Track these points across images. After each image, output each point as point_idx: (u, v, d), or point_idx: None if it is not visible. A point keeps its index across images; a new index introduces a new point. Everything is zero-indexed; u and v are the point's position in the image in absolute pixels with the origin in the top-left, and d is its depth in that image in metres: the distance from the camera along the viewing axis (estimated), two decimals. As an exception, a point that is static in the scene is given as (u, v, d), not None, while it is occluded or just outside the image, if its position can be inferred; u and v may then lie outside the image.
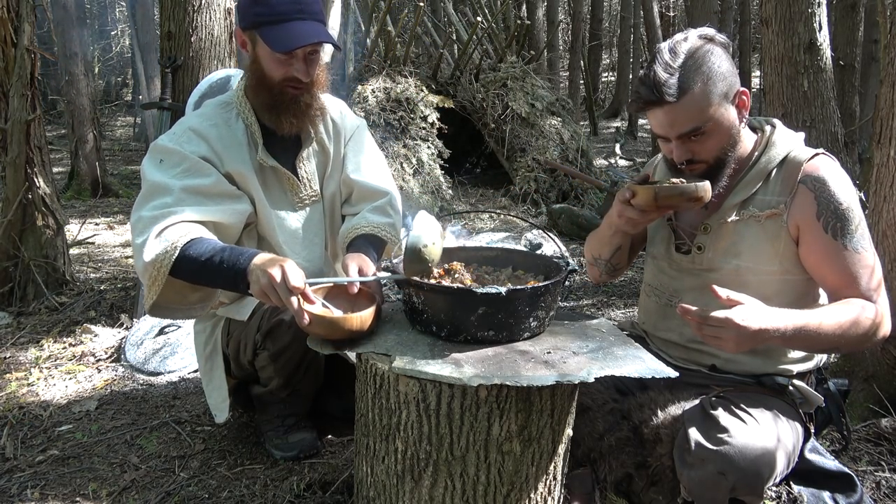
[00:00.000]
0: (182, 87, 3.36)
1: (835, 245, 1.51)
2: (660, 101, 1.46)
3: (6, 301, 3.53)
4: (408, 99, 6.45)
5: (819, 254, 1.53)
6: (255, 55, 1.82)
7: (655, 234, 1.78)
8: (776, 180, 1.56)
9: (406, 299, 1.54)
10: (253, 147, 1.92)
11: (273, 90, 1.82)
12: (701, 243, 1.64)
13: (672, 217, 1.71)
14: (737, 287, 1.55)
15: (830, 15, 4.71)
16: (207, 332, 2.10)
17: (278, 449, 2.10)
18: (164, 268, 1.66)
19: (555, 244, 4.43)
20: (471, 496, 1.39)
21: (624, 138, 12.50)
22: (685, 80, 1.45)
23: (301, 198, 2.02)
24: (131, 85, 17.71)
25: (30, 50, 3.42)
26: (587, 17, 16.28)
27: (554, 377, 1.27)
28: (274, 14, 1.74)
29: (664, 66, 1.46)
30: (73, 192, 7.83)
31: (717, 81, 1.47)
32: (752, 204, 1.58)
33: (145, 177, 1.81)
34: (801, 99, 3.35)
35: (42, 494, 1.95)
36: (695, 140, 1.50)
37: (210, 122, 1.89)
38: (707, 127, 1.48)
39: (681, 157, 1.53)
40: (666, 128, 1.51)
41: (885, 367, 2.30)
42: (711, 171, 1.55)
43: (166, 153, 1.83)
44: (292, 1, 1.75)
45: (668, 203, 1.48)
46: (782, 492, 1.75)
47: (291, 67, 1.79)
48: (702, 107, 1.46)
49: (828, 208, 1.50)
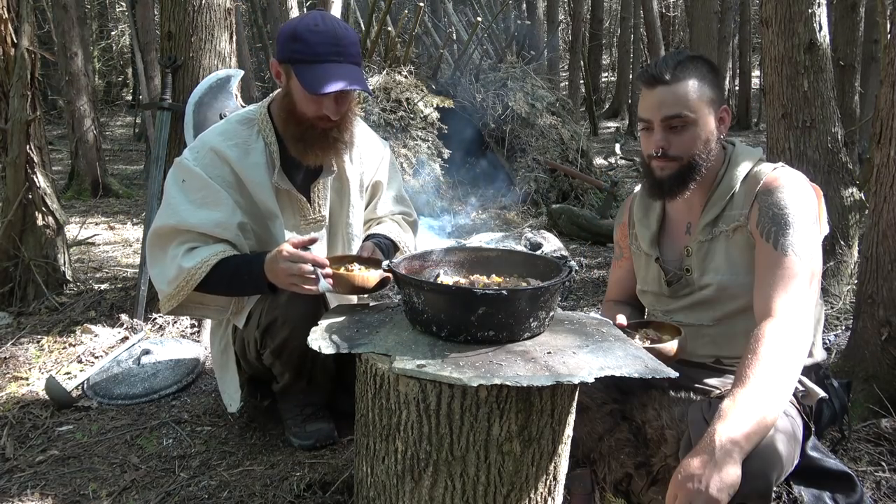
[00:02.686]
0: (182, 87, 3.35)
1: (765, 247, 1.53)
2: (657, 81, 1.59)
3: (6, 301, 3.53)
4: (408, 99, 6.45)
5: (760, 265, 1.54)
6: (287, 88, 1.88)
7: (646, 274, 1.83)
8: (739, 195, 1.63)
9: (406, 299, 1.54)
10: (270, 168, 1.97)
11: (302, 124, 1.88)
12: (688, 265, 1.71)
13: (658, 255, 1.77)
14: (726, 300, 1.63)
15: (830, 15, 4.71)
16: (222, 328, 2.18)
17: (296, 437, 2.16)
18: (192, 282, 1.85)
19: (554, 244, 4.43)
20: (471, 496, 1.39)
21: (624, 138, 12.51)
22: (683, 71, 1.59)
23: (307, 220, 2.09)
24: (131, 85, 17.71)
25: (30, 50, 3.42)
26: (587, 17, 16.29)
27: (554, 377, 1.27)
28: (311, 54, 1.78)
29: (671, 56, 1.62)
30: (73, 192, 7.84)
31: (708, 86, 1.60)
32: (721, 221, 1.65)
33: (168, 192, 1.96)
34: (801, 99, 3.34)
35: (42, 494, 1.95)
36: (674, 130, 1.59)
37: (231, 142, 1.95)
38: (689, 118, 1.58)
39: (658, 143, 1.60)
40: (654, 109, 1.60)
41: (885, 367, 2.30)
42: (684, 171, 1.61)
43: (189, 175, 1.94)
44: (331, 42, 1.78)
45: None
46: (782, 492, 1.75)
47: (322, 105, 1.83)
48: (690, 97, 1.58)
49: (766, 215, 1.55)
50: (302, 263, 1.69)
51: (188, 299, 1.94)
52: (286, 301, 1.92)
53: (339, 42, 1.80)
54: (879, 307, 2.32)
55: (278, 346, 1.97)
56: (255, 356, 2.04)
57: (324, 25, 1.80)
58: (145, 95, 8.36)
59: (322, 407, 2.20)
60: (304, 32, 1.79)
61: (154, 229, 1.96)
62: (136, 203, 7.69)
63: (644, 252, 1.81)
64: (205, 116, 3.29)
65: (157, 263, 1.96)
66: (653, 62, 1.67)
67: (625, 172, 9.62)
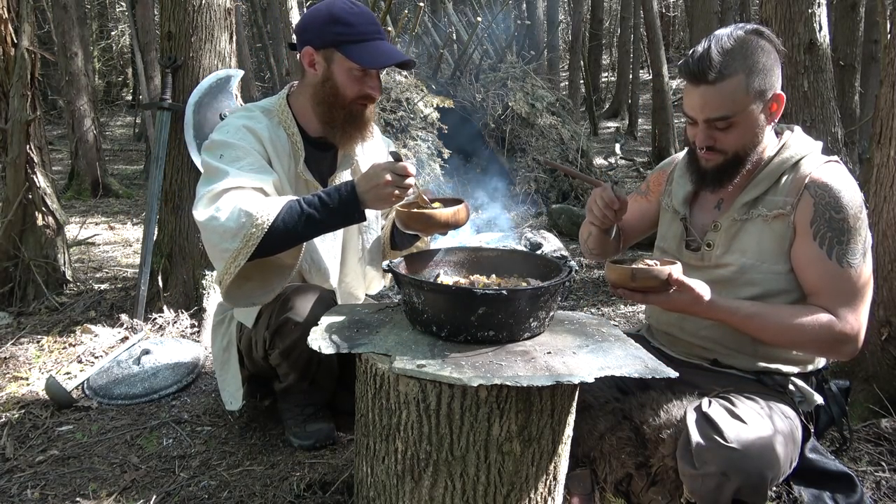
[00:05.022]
0: (182, 87, 3.35)
1: (819, 254, 1.53)
2: (700, 80, 1.50)
3: (6, 301, 3.53)
4: (408, 99, 6.45)
5: (804, 258, 1.55)
6: (328, 73, 1.89)
7: (668, 230, 1.81)
8: (786, 182, 1.59)
9: (406, 299, 1.54)
10: (293, 158, 1.97)
11: (347, 107, 1.91)
12: (711, 240, 1.67)
13: (686, 215, 1.75)
14: (742, 284, 1.60)
15: (830, 15, 4.71)
16: (225, 325, 2.18)
17: (296, 437, 2.16)
18: (261, 227, 1.66)
19: (554, 243, 4.43)
20: (471, 496, 1.39)
21: (624, 138, 12.51)
22: (729, 66, 1.48)
23: None
24: (131, 85, 17.70)
25: (30, 50, 3.42)
26: (587, 17, 16.27)
27: (554, 377, 1.27)
28: (357, 34, 1.85)
29: (717, 46, 1.49)
30: (73, 192, 7.84)
31: (756, 77, 1.49)
32: (761, 204, 1.61)
33: (208, 170, 1.85)
34: (801, 99, 3.34)
35: (42, 494, 1.95)
36: (720, 129, 1.53)
37: (261, 124, 1.94)
38: (735, 119, 1.51)
39: (703, 141, 1.56)
40: (697, 109, 1.54)
41: (885, 367, 2.30)
42: (728, 164, 1.58)
43: (227, 148, 1.86)
44: (372, 21, 1.89)
45: (643, 285, 1.48)
46: (782, 492, 1.75)
47: (365, 85, 1.89)
48: (735, 97, 1.49)
49: (822, 216, 1.53)
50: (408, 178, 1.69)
51: (243, 274, 1.76)
52: (298, 303, 1.92)
53: (375, 21, 1.90)
54: (879, 307, 2.32)
55: (288, 348, 1.97)
56: (263, 356, 2.04)
57: (358, 7, 1.88)
58: (145, 95, 8.36)
59: (322, 407, 2.21)
60: (344, 15, 1.84)
61: (203, 198, 1.76)
62: (136, 203, 7.69)
63: (673, 208, 1.79)
64: (205, 116, 3.30)
65: (213, 226, 1.71)
66: (696, 54, 1.51)
67: (625, 172, 9.63)
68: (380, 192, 1.69)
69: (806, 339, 1.52)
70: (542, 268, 1.70)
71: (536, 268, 1.72)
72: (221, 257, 1.71)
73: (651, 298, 1.51)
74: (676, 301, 1.50)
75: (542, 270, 1.70)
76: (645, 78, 17.30)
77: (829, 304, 1.53)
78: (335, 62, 1.87)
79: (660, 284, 1.46)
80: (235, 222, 1.67)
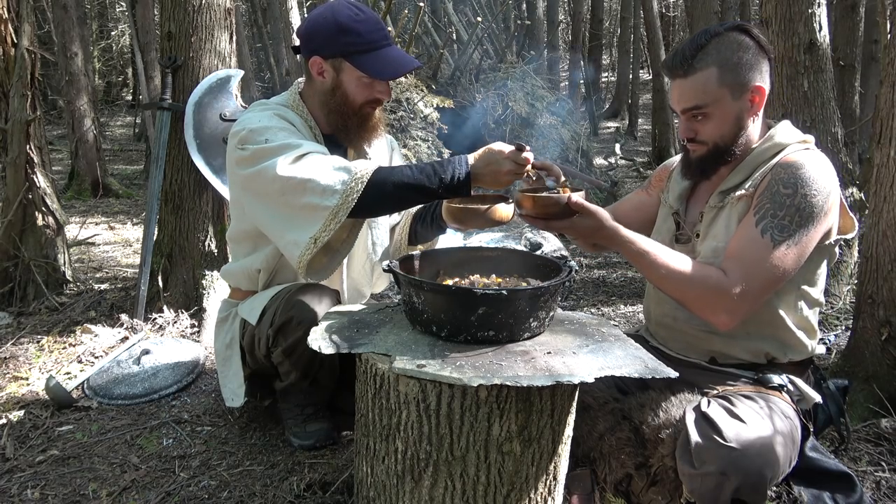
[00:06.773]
0: (182, 87, 3.35)
1: (749, 221, 1.55)
2: (675, 73, 1.60)
3: (6, 301, 3.53)
4: (408, 99, 6.45)
5: (740, 232, 1.57)
6: (337, 82, 1.89)
7: (662, 225, 1.85)
8: (764, 170, 1.62)
9: (406, 299, 1.54)
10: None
11: (357, 113, 1.91)
12: (698, 231, 1.72)
13: (679, 210, 1.79)
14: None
15: (830, 15, 4.71)
16: (228, 322, 2.18)
17: (296, 437, 2.16)
18: (363, 179, 1.64)
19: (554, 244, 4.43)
20: (471, 496, 1.39)
21: (624, 138, 12.51)
22: (700, 60, 1.56)
23: None
24: (131, 85, 17.71)
25: (30, 50, 3.42)
26: (587, 17, 16.27)
27: (554, 377, 1.27)
28: (365, 43, 1.83)
29: (691, 42, 1.58)
30: (73, 192, 7.84)
31: (731, 70, 1.55)
32: (735, 190, 1.65)
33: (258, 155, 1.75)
34: (801, 99, 3.35)
35: (42, 494, 1.95)
36: (696, 119, 1.61)
37: (288, 114, 1.94)
38: (707, 109, 1.58)
39: (684, 132, 1.65)
40: (675, 101, 1.63)
41: (885, 367, 2.30)
42: (710, 154, 1.63)
43: (269, 131, 1.79)
44: (379, 28, 1.86)
45: (545, 211, 1.53)
46: (782, 492, 1.75)
47: (374, 90, 1.89)
48: (707, 89, 1.56)
49: (770, 189, 1.55)
50: (526, 166, 1.68)
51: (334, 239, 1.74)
52: (303, 301, 1.92)
53: (381, 25, 1.88)
54: (879, 307, 2.32)
55: (290, 346, 1.96)
56: (265, 353, 2.04)
57: (364, 13, 1.85)
58: (145, 95, 8.36)
59: (322, 407, 2.21)
60: (351, 24, 1.82)
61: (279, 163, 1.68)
62: (136, 203, 7.69)
63: (668, 204, 1.83)
64: (205, 116, 3.30)
65: (310, 186, 1.64)
66: (672, 50, 1.64)
67: (625, 172, 9.63)
68: (498, 178, 1.69)
69: (687, 287, 1.53)
70: (542, 268, 1.70)
71: (536, 268, 1.72)
72: (321, 216, 1.65)
73: (555, 224, 1.54)
74: (580, 226, 1.53)
75: (542, 270, 1.70)
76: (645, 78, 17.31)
77: (728, 264, 1.54)
78: (344, 71, 1.87)
79: (561, 210, 1.52)
80: (335, 178, 1.65)
